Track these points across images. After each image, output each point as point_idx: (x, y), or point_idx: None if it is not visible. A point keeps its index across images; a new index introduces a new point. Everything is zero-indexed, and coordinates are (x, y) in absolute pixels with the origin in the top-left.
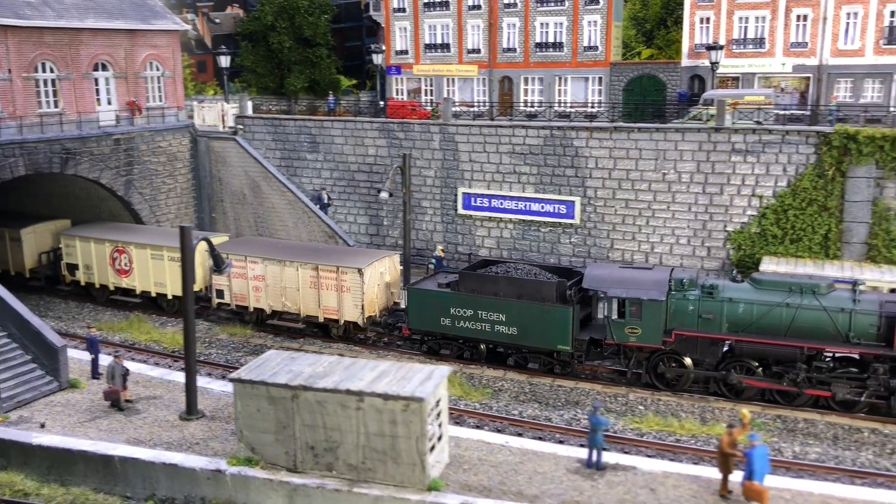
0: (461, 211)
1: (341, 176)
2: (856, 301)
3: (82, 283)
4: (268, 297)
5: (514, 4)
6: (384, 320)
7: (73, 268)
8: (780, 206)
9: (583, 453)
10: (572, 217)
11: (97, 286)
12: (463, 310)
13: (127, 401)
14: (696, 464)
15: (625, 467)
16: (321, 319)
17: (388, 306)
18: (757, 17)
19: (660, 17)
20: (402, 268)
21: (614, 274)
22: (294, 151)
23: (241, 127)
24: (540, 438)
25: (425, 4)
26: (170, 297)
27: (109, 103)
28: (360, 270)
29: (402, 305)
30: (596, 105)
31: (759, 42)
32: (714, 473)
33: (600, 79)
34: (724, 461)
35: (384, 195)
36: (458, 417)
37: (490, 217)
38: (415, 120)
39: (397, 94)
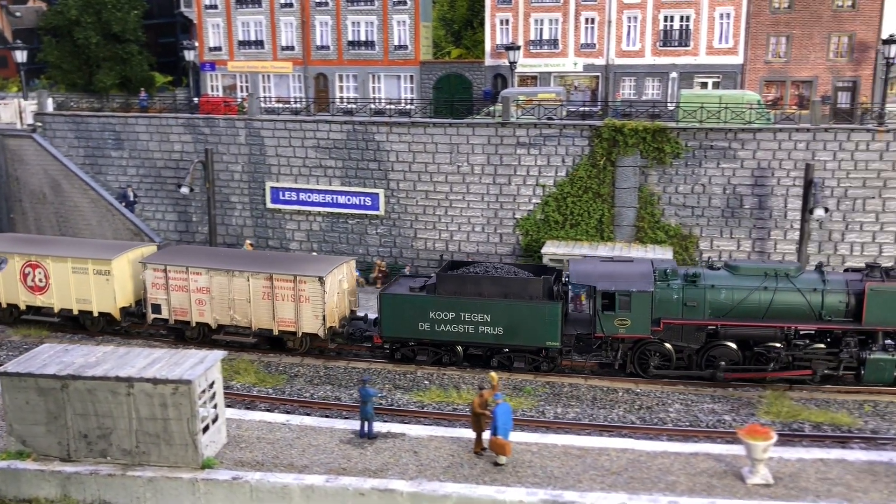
0: (270, 205)
1: (147, 173)
2: (825, 281)
3: None
4: (213, 311)
5: (326, 3)
6: (346, 330)
7: None
8: (560, 194)
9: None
10: (377, 209)
11: (4, 306)
12: (444, 313)
13: None
14: (467, 428)
15: (395, 434)
16: (276, 332)
17: (347, 315)
18: (550, 20)
19: (466, 19)
20: (357, 273)
21: (599, 268)
22: (98, 149)
23: (40, 125)
24: (327, 416)
25: (237, 1)
26: (95, 314)
27: None
28: (320, 279)
29: (359, 313)
30: (407, 102)
31: (554, 43)
32: (472, 434)
33: (412, 77)
34: (477, 421)
35: (184, 190)
36: (250, 403)
37: (299, 210)
38: (220, 116)
39: (213, 90)
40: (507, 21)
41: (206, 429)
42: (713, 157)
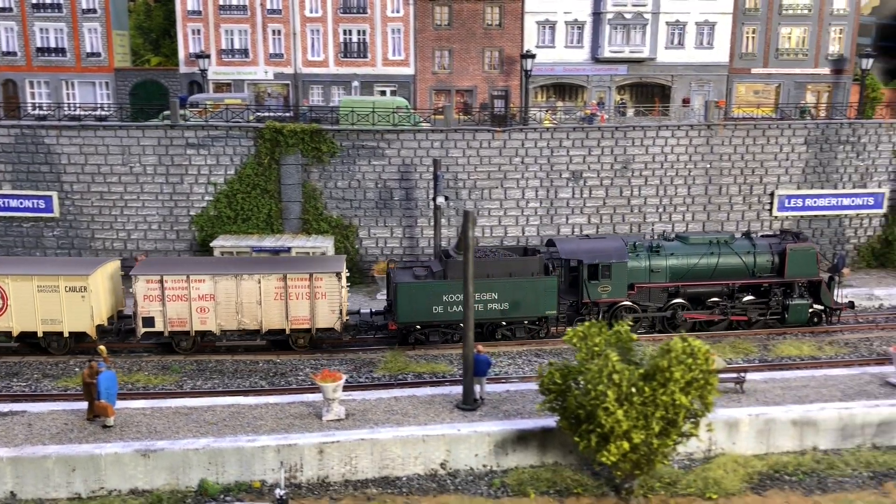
0: None
1: None
2: (755, 245)
3: None
4: (218, 317)
5: (10, 9)
6: (357, 322)
7: None
8: (231, 191)
9: None
10: (52, 211)
11: None
12: (456, 295)
13: None
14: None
15: (15, 412)
16: (288, 331)
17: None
18: (240, 31)
19: (164, 28)
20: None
21: (582, 246)
22: None
23: None
24: None
25: None
26: (66, 334)
27: None
28: (338, 274)
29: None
30: (103, 108)
31: (244, 52)
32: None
33: (107, 83)
34: (87, 390)
35: None
36: None
37: None
38: None
39: None
40: (198, 31)
41: None
42: (365, 156)
